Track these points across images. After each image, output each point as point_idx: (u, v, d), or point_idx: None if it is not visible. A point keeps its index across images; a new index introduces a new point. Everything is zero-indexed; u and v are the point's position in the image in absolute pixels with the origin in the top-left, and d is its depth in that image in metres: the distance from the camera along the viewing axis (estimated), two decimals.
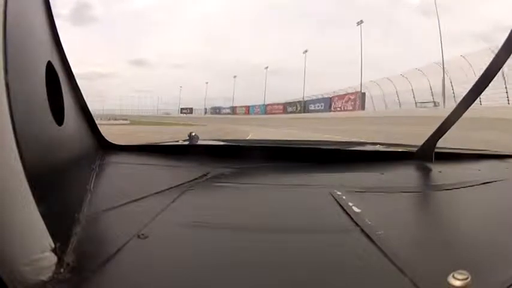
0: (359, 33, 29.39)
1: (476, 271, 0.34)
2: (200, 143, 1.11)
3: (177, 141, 1.12)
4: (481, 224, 0.55)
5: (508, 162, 1.08)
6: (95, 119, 0.86)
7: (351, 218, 0.52)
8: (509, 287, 0.34)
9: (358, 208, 0.56)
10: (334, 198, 0.62)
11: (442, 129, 0.94)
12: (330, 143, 1.56)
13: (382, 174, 0.87)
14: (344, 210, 0.56)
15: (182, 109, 58.88)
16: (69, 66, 0.70)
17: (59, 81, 0.61)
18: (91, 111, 0.82)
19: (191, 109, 58.59)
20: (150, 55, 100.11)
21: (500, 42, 0.77)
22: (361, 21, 29.85)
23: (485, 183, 0.77)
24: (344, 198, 0.62)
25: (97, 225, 0.49)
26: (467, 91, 0.85)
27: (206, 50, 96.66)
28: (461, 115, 0.87)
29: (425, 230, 0.55)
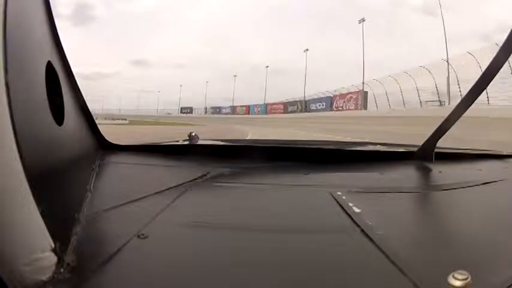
0: (361, 31, 29.36)
1: (476, 271, 0.34)
2: (200, 143, 1.11)
3: (177, 141, 1.12)
4: (481, 224, 0.55)
5: (508, 162, 1.08)
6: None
7: (351, 218, 0.52)
8: (509, 287, 0.34)
9: (358, 208, 0.56)
10: (334, 198, 0.62)
11: (442, 129, 0.94)
12: (330, 143, 1.55)
13: (382, 174, 0.87)
14: (344, 210, 0.56)
15: (182, 109, 58.98)
16: (69, 66, 0.70)
17: (58, 81, 0.61)
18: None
19: (191, 109, 58.67)
20: (151, 55, 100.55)
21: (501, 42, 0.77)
22: (362, 19, 29.71)
23: (485, 184, 0.77)
24: (344, 198, 0.62)
25: (97, 225, 0.49)
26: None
27: (206, 50, 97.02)
28: (462, 115, 0.87)
29: (425, 230, 0.55)
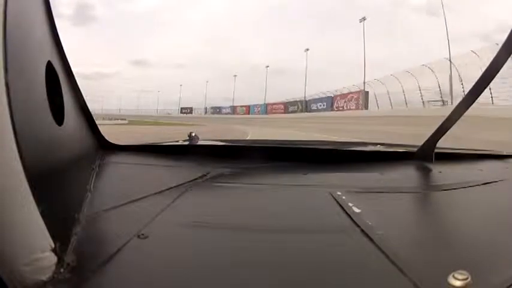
0: (362, 31, 29.22)
1: (476, 271, 0.34)
2: (200, 143, 1.11)
3: (177, 141, 1.12)
4: (481, 224, 0.55)
5: (508, 162, 1.07)
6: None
7: (350, 218, 0.52)
8: (509, 287, 0.34)
9: (358, 208, 0.56)
10: (334, 198, 0.62)
11: (442, 129, 0.93)
12: (329, 143, 1.55)
13: (382, 174, 0.87)
14: (344, 210, 0.56)
15: (182, 109, 58.92)
16: (69, 66, 0.70)
17: (58, 81, 0.61)
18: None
19: (191, 109, 58.61)
20: (151, 55, 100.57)
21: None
22: (363, 18, 29.57)
23: (485, 184, 0.77)
24: (344, 198, 0.62)
25: (97, 225, 0.49)
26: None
27: (206, 50, 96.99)
28: (462, 115, 0.87)
29: (425, 230, 0.55)
